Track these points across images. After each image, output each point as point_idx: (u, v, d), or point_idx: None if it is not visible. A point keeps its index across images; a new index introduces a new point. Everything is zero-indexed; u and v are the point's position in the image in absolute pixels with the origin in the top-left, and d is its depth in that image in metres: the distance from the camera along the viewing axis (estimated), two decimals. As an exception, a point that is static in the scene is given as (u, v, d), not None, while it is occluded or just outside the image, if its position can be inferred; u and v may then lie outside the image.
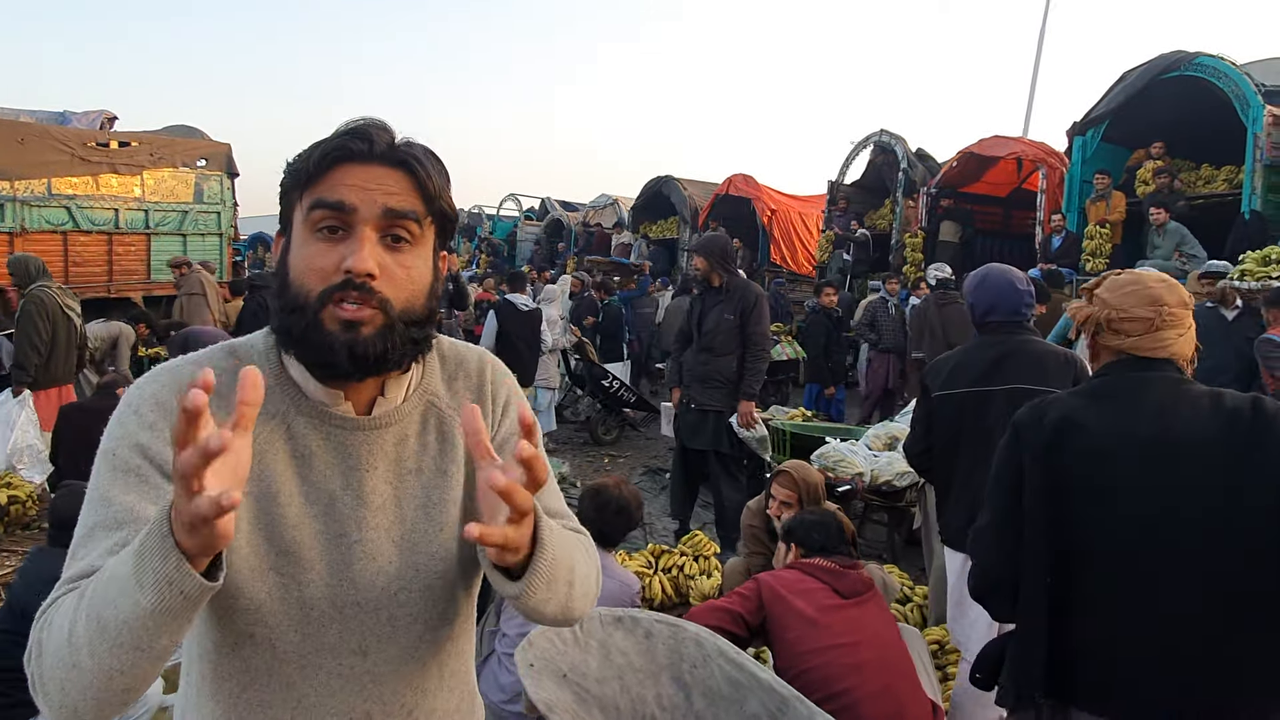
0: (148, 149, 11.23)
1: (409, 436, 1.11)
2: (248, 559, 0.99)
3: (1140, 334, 1.86)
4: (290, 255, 1.02)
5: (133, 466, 0.97)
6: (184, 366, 1.05)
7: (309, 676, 1.04)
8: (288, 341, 1.02)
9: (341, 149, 1.00)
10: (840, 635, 2.57)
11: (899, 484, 5.03)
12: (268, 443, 1.02)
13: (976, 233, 12.28)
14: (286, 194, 1.04)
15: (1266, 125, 8.41)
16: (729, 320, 5.16)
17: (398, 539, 1.07)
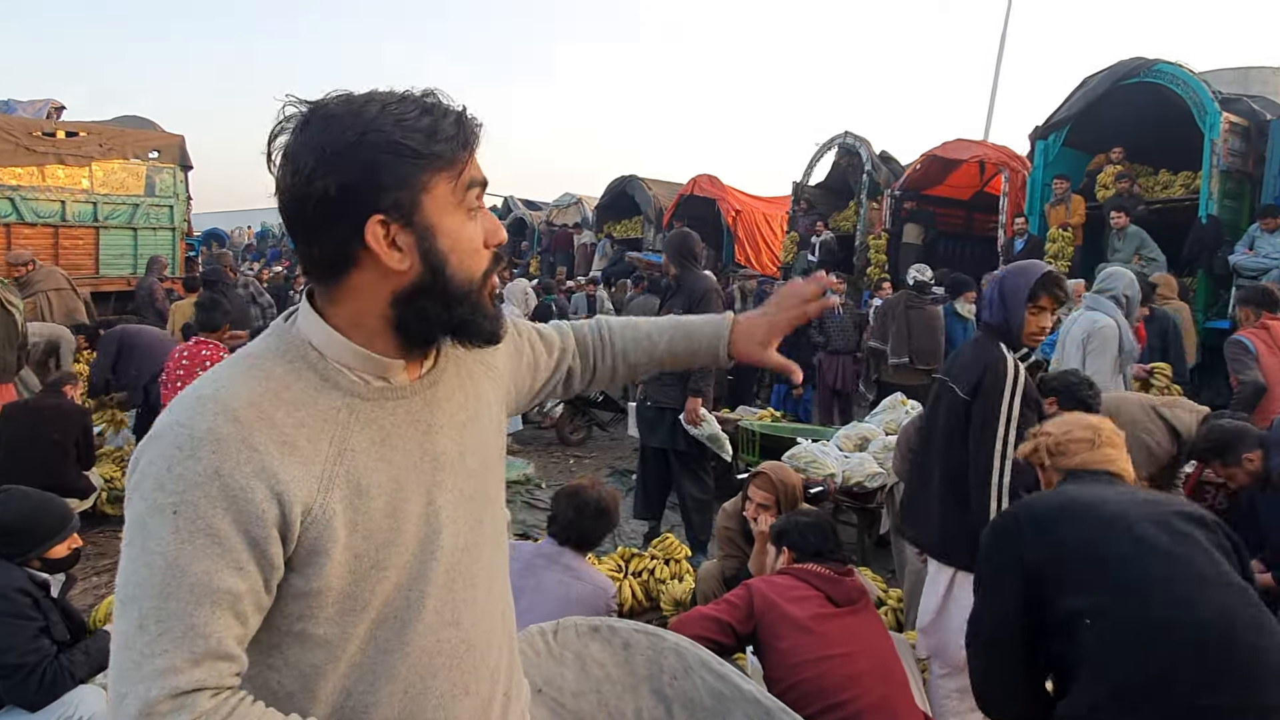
0: (97, 139, 10.90)
1: (453, 390, 1.11)
2: (350, 565, 0.95)
3: (1085, 452, 2.08)
4: (439, 240, 0.98)
5: (203, 527, 0.86)
6: (230, 386, 0.94)
7: (411, 662, 1.01)
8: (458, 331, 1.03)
9: (473, 134, 1.00)
10: (836, 645, 2.50)
11: (869, 485, 5.00)
12: (345, 440, 0.97)
13: (939, 235, 12.37)
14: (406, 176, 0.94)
15: (1223, 132, 8.57)
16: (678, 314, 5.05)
17: (467, 493, 1.08)
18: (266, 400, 0.93)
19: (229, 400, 0.92)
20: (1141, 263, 8.42)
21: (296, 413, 0.94)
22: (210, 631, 0.85)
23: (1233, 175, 8.74)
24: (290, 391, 0.96)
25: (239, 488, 0.88)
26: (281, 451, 0.91)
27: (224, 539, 0.87)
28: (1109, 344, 5.04)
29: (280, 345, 1.00)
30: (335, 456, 0.95)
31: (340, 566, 0.94)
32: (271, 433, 0.91)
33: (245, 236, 30.11)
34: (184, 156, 11.99)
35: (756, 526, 3.48)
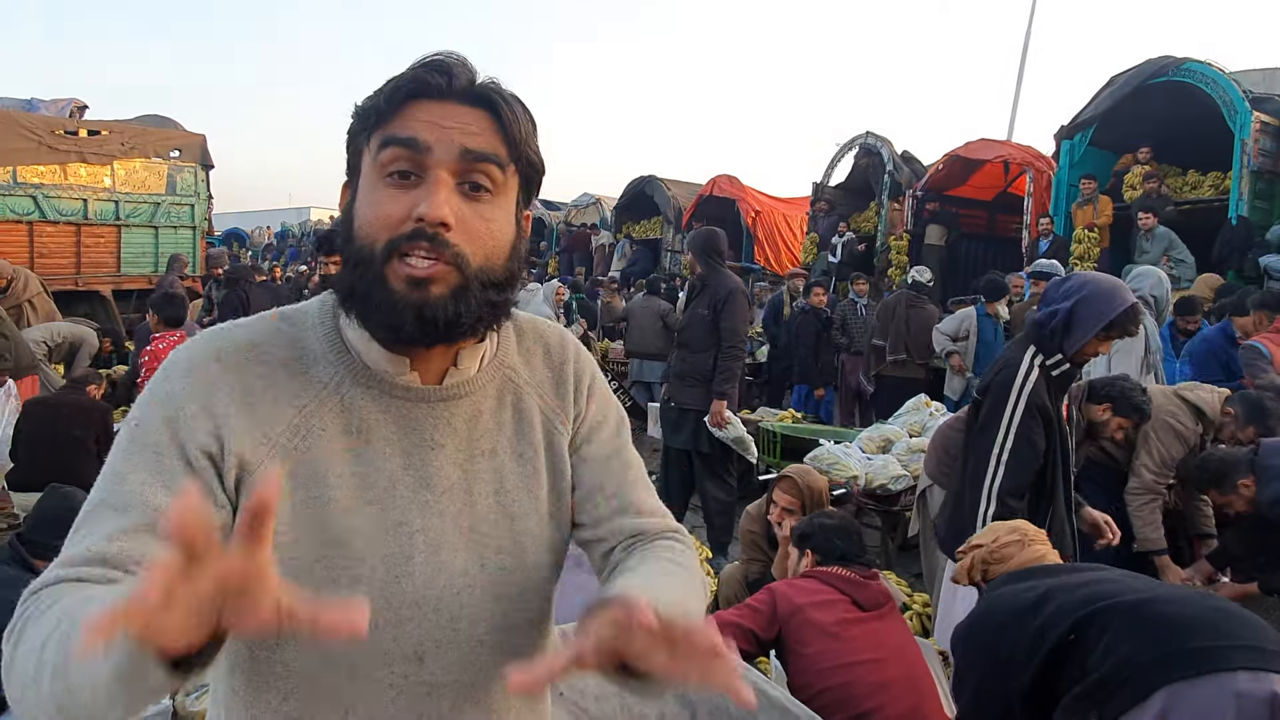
0: (119, 138, 10.95)
1: (483, 413, 0.98)
2: (290, 549, 0.87)
3: (1018, 553, 2.24)
4: (356, 204, 0.90)
5: (150, 442, 0.86)
6: (231, 331, 0.94)
7: (358, 685, 0.91)
8: (350, 300, 0.90)
9: (416, 82, 0.87)
10: (863, 651, 2.43)
11: (894, 488, 4.92)
12: (314, 417, 0.90)
13: (962, 236, 12.25)
14: (353, 138, 0.92)
15: (1254, 131, 8.44)
16: (702, 315, 4.96)
17: (465, 528, 0.95)
18: (255, 350, 0.91)
19: (220, 341, 0.91)
20: (1170, 264, 8.29)
21: (275, 374, 0.91)
22: (115, 538, 0.81)
23: (1263, 175, 8.60)
24: (286, 352, 0.93)
25: (188, 414, 0.87)
26: (239, 401, 0.88)
27: (163, 456, 0.85)
28: (1136, 343, 5.00)
29: (318, 305, 0.98)
30: (298, 428, 0.90)
31: (280, 547, 0.86)
32: (238, 379, 0.89)
33: (265, 236, 30.30)
34: (205, 155, 12.03)
35: (781, 531, 3.42)
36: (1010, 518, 2.71)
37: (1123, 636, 1.74)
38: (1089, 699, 1.72)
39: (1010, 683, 1.90)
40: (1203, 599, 1.87)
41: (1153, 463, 3.75)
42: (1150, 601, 1.80)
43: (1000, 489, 2.73)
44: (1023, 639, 1.89)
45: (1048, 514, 2.89)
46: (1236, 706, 1.57)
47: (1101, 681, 1.71)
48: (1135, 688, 1.66)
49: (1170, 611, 1.76)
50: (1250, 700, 1.58)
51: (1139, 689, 1.66)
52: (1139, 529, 3.75)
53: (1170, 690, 1.62)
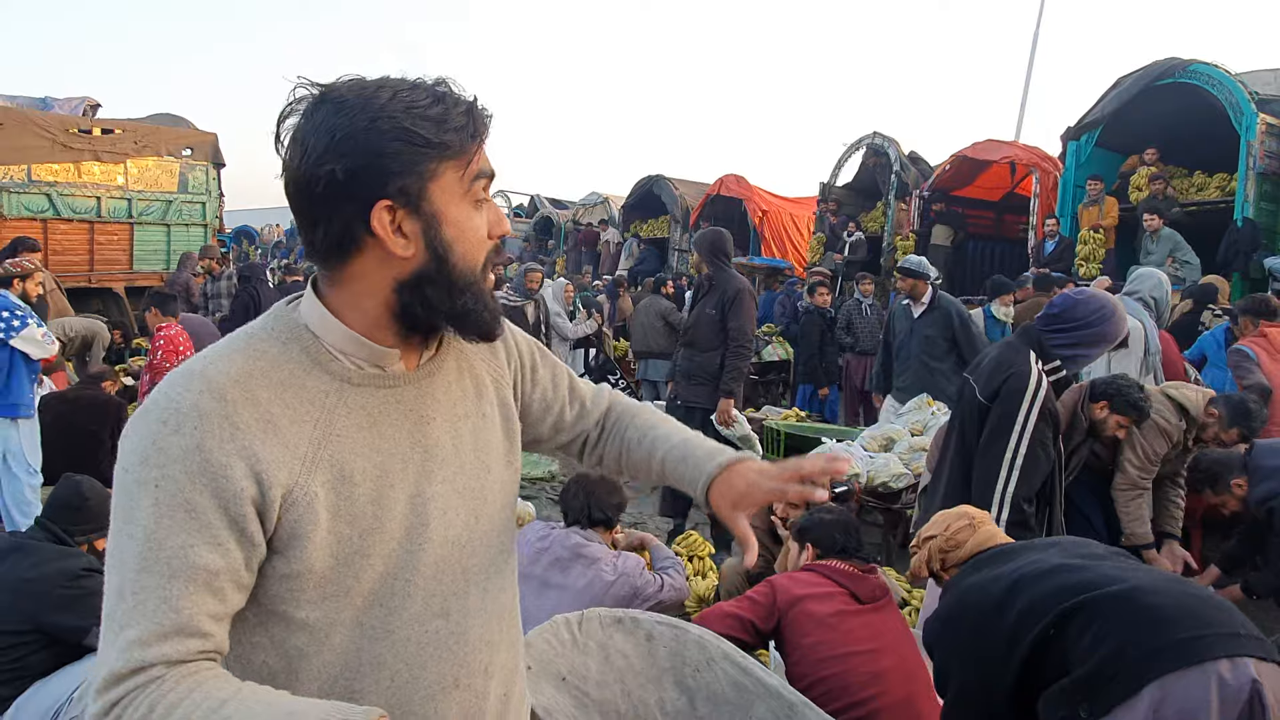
0: (131, 137, 11.05)
1: (451, 384, 1.11)
2: (332, 549, 0.96)
3: (970, 536, 2.26)
4: (443, 231, 0.98)
5: (181, 500, 0.87)
6: (217, 364, 0.94)
7: (399, 651, 1.01)
8: (458, 321, 1.03)
9: (482, 124, 1.00)
10: (860, 642, 2.49)
11: (895, 486, 4.97)
12: (330, 424, 0.97)
13: (968, 236, 12.27)
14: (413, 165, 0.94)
15: (1260, 133, 8.45)
16: (709, 315, 5.02)
17: (461, 488, 1.07)
18: (253, 379, 0.94)
19: (215, 377, 0.92)
20: (1175, 265, 8.31)
21: (283, 393, 0.95)
22: (182, 606, 0.85)
23: (1269, 177, 8.61)
24: (279, 372, 0.96)
25: (219, 464, 0.88)
26: (264, 431, 0.91)
27: (201, 514, 0.87)
28: (1136, 344, 5.07)
29: (277, 326, 1.00)
30: (319, 440, 0.95)
31: (322, 550, 0.94)
32: (255, 411, 0.92)
33: (275, 234, 30.44)
34: (217, 154, 12.12)
35: (783, 526, 3.48)
36: (1024, 522, 2.78)
37: (1109, 630, 1.76)
38: (1077, 693, 1.75)
39: (991, 684, 1.92)
40: (1180, 586, 1.90)
41: (1136, 458, 3.80)
42: (1133, 593, 1.82)
43: (1016, 494, 2.76)
44: (998, 639, 1.90)
45: (1045, 517, 2.94)
46: (1219, 694, 1.61)
47: (1090, 676, 1.74)
48: (1125, 682, 1.69)
49: (1154, 603, 1.79)
50: (1231, 687, 1.62)
51: (1129, 683, 1.69)
52: (1126, 524, 3.80)
53: (1160, 684, 1.66)
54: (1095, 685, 1.73)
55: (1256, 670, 1.64)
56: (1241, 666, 1.64)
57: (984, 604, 2.00)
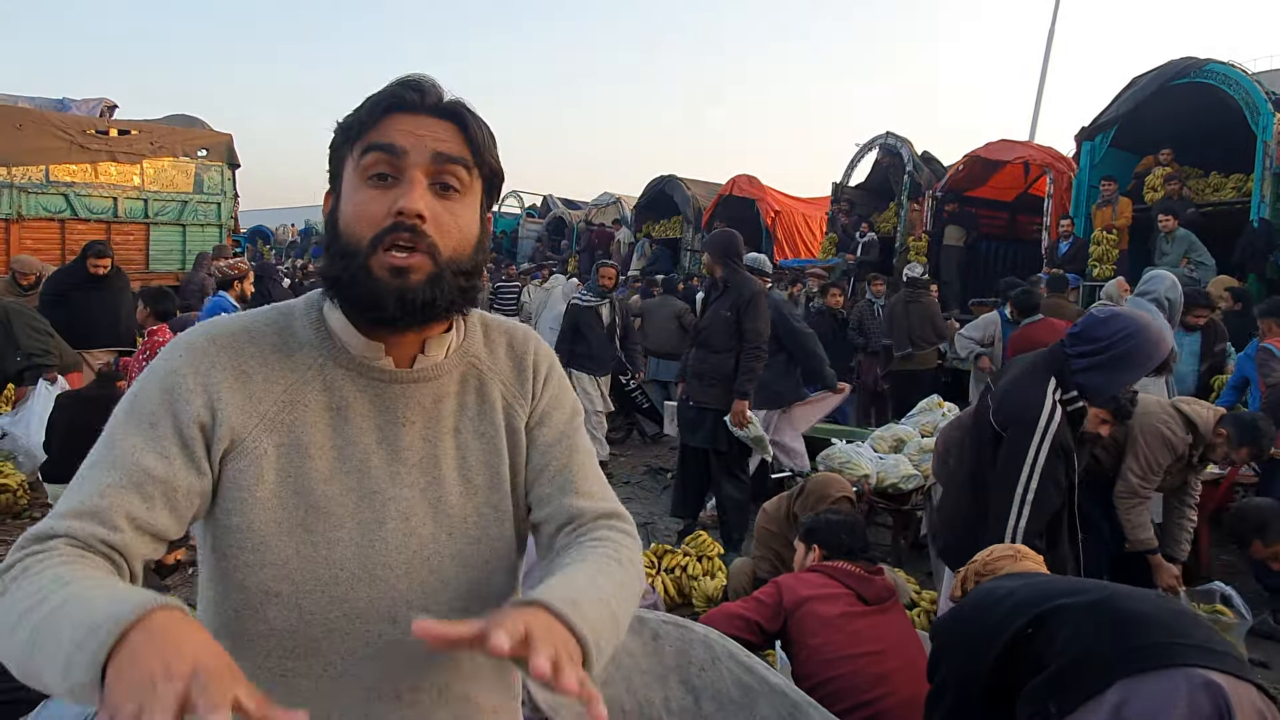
0: (148, 138, 11.15)
1: (448, 394, 1.09)
2: (274, 513, 0.98)
3: (1009, 566, 2.28)
4: (341, 205, 1.02)
5: (146, 412, 0.96)
6: (228, 319, 1.05)
7: (336, 644, 1.00)
8: (336, 289, 1.01)
9: (394, 97, 1.00)
10: (866, 643, 2.50)
11: (904, 487, 4.96)
12: (300, 394, 1.02)
13: (981, 237, 12.21)
14: (336, 150, 1.04)
15: (1276, 133, 8.38)
16: (724, 316, 5.03)
17: (433, 500, 1.05)
18: (246, 336, 1.02)
19: (217, 326, 1.03)
20: (1190, 266, 8.25)
21: (268, 355, 1.02)
22: (107, 494, 0.90)
23: (1286, 178, 8.53)
24: (276, 338, 1.04)
25: (185, 390, 0.97)
26: (234, 378, 0.99)
27: (158, 426, 0.95)
28: None
29: (304, 301, 1.09)
30: (284, 404, 1.00)
31: (265, 511, 0.97)
32: (233, 360, 1.00)
33: (289, 234, 30.64)
34: (232, 154, 12.21)
35: None
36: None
37: (1081, 630, 1.79)
38: (1047, 689, 1.77)
39: (970, 675, 1.95)
40: (1159, 599, 1.92)
41: (1138, 466, 3.78)
42: (1109, 598, 1.84)
43: (1026, 531, 2.71)
44: (982, 630, 1.94)
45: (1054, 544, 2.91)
46: (1188, 703, 1.60)
47: (1059, 673, 1.76)
48: (1092, 679, 1.71)
49: (1127, 607, 1.81)
50: (1201, 698, 1.61)
51: (1095, 681, 1.70)
52: (1130, 531, 3.79)
53: (1125, 684, 1.66)
54: (1064, 682, 1.75)
55: (1230, 687, 1.62)
56: (1213, 679, 1.63)
57: (984, 601, 2.04)
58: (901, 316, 8.06)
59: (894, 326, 8.11)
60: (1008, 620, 1.90)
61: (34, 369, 5.93)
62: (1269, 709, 1.67)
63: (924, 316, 8.07)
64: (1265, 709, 1.66)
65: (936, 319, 8.25)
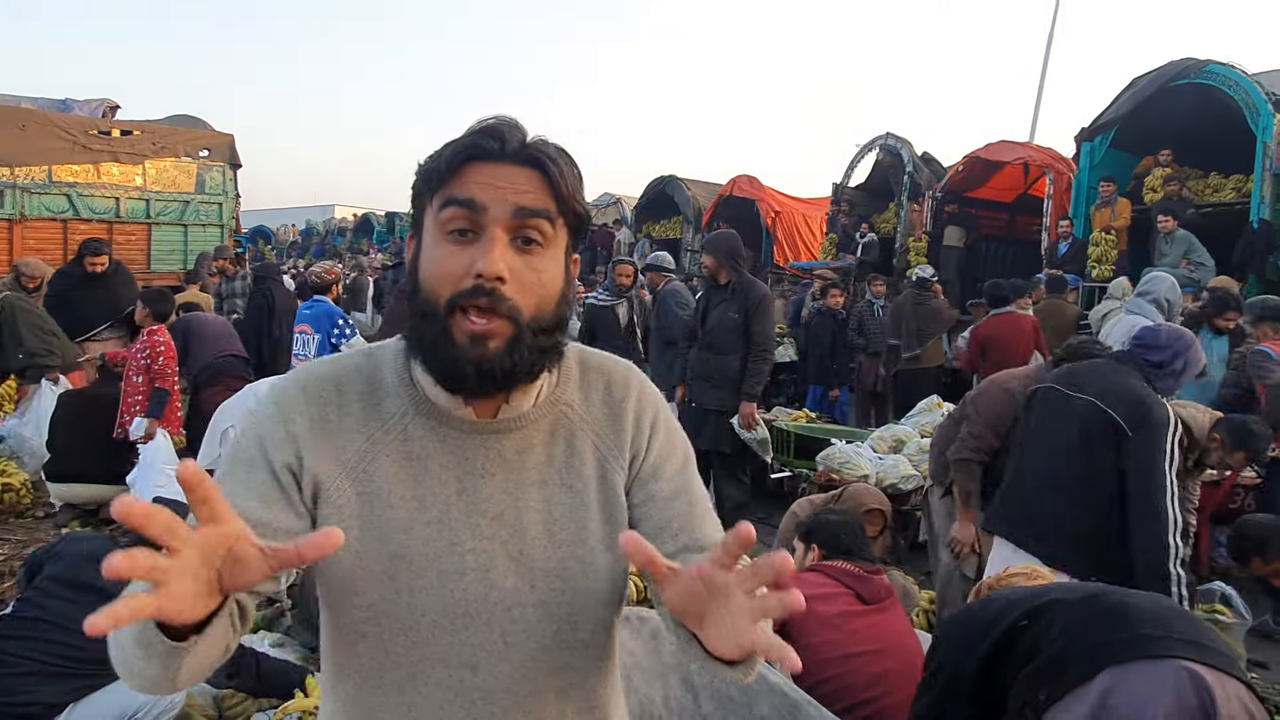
0: (150, 138, 11.19)
1: (534, 445, 1.06)
2: (359, 559, 0.99)
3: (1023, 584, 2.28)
4: (421, 259, 1.00)
5: (245, 459, 1.00)
6: (320, 365, 1.07)
7: (419, 685, 1.01)
8: (418, 348, 1.00)
9: (472, 147, 0.97)
10: (864, 643, 2.52)
11: (904, 487, 4.99)
12: (381, 443, 1.02)
13: (981, 238, 12.23)
14: (418, 196, 1.02)
15: (1276, 134, 8.37)
16: (732, 319, 5.06)
17: (514, 552, 1.03)
18: (333, 385, 1.04)
19: (310, 375, 1.05)
20: (1189, 267, 8.26)
21: (351, 404, 1.03)
22: None
23: (1285, 178, 8.54)
24: (363, 385, 1.05)
25: (275, 438, 1.00)
26: (318, 427, 1.01)
27: (255, 472, 0.99)
28: None
29: (395, 343, 1.09)
30: (365, 453, 1.01)
31: (351, 556, 0.99)
32: (319, 410, 1.02)
33: (290, 234, 30.67)
34: (233, 155, 12.24)
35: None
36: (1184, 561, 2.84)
37: (1073, 621, 1.82)
38: (1037, 678, 1.80)
39: (960, 666, 1.98)
40: (1151, 596, 1.95)
41: None
42: (1105, 592, 1.89)
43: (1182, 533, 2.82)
44: (977, 624, 1.99)
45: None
46: (1175, 694, 1.62)
47: (1049, 662, 1.79)
48: (1080, 668, 1.73)
49: (1122, 600, 1.84)
50: (1186, 690, 1.63)
51: (1083, 669, 1.72)
52: None
53: (1111, 672, 1.69)
54: (1054, 670, 1.78)
55: (1215, 681, 1.64)
56: (1199, 673, 1.65)
57: (986, 601, 2.09)
58: (910, 318, 8.10)
59: (903, 327, 8.13)
60: (1003, 613, 1.94)
61: (35, 368, 5.96)
62: (1256, 707, 1.68)
63: (932, 318, 8.12)
64: (1253, 706, 1.67)
65: (944, 319, 8.33)
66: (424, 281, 0.98)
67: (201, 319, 6.62)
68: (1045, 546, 3.03)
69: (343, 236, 28.47)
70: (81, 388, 6.00)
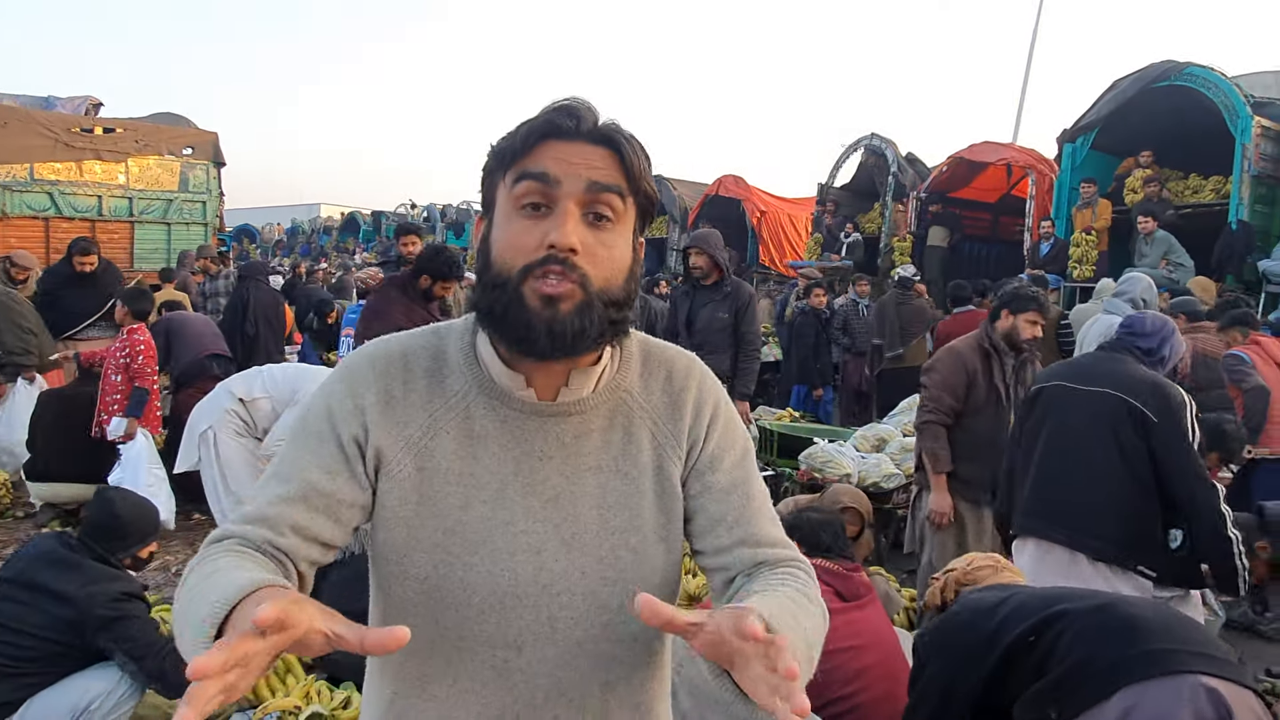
0: (133, 136, 11.11)
1: (592, 430, 1.07)
2: (415, 531, 1.02)
3: (990, 576, 2.42)
4: (494, 233, 1.02)
5: (314, 430, 1.03)
6: (389, 340, 1.09)
7: (465, 660, 1.03)
8: (488, 319, 1.01)
9: (549, 125, 0.98)
10: (843, 639, 2.53)
11: (886, 486, 5.02)
12: (443, 420, 1.04)
13: (964, 238, 12.32)
14: (490, 175, 1.04)
15: (1255, 136, 8.48)
16: (722, 319, 5.06)
17: (567, 536, 1.04)
18: (401, 361, 1.07)
19: (379, 350, 1.08)
20: (1169, 268, 8.35)
21: (417, 380, 1.06)
22: (276, 503, 0.98)
23: (1264, 180, 8.65)
24: (430, 362, 1.07)
25: (343, 410, 1.04)
26: (383, 402, 1.04)
27: (325, 444, 1.02)
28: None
29: (463, 322, 1.11)
30: (427, 430, 1.03)
31: (407, 529, 1.02)
32: (384, 384, 1.05)
33: (275, 233, 30.53)
34: (217, 153, 12.16)
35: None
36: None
37: (1083, 637, 1.79)
38: (1048, 697, 1.77)
39: (960, 680, 1.95)
40: (1158, 606, 1.94)
41: None
42: (1110, 605, 1.85)
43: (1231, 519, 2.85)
44: (979, 637, 1.94)
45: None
46: (1192, 710, 1.61)
47: (1061, 680, 1.76)
48: (1096, 686, 1.71)
49: (1131, 614, 1.81)
50: (1204, 705, 1.62)
51: (1100, 688, 1.70)
52: None
53: (1129, 690, 1.67)
54: (1066, 689, 1.74)
55: (1230, 693, 1.64)
56: (1216, 686, 1.65)
57: (980, 606, 2.05)
58: (893, 317, 8.18)
59: (886, 326, 8.22)
60: (1006, 627, 1.90)
61: (13, 365, 5.92)
62: (1266, 715, 1.69)
63: (915, 317, 8.19)
64: (1263, 715, 1.68)
65: (927, 318, 8.38)
66: (497, 255, 0.99)
67: (185, 318, 6.58)
68: (1084, 538, 3.01)
69: (328, 235, 28.38)
70: (61, 387, 5.96)
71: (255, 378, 4.25)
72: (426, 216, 22.95)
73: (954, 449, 3.93)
